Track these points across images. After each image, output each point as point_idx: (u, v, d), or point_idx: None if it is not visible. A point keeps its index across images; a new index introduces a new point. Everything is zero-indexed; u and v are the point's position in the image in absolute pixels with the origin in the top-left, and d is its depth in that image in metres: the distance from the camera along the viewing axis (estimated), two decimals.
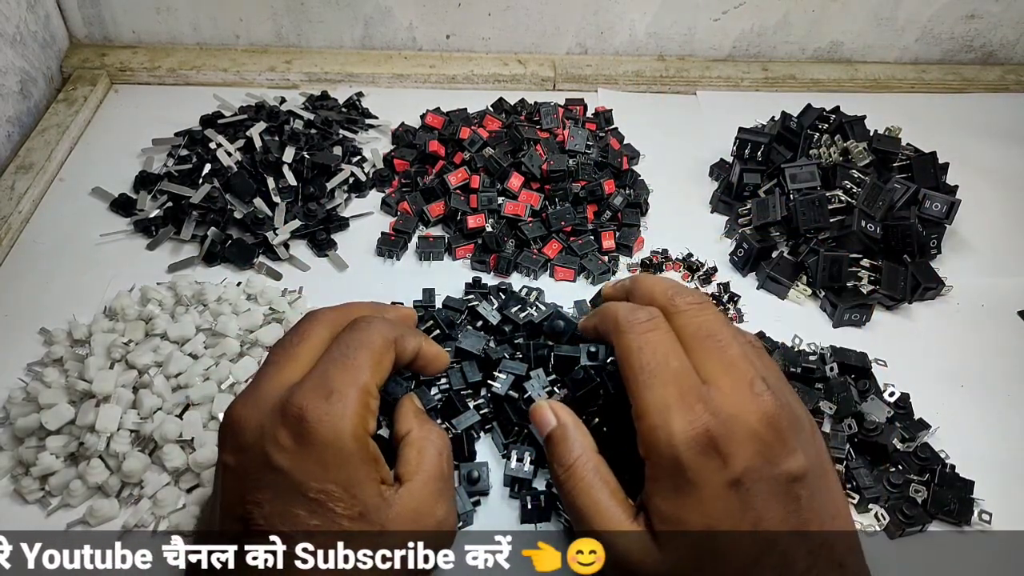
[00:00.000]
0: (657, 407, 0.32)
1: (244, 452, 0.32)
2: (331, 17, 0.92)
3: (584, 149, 0.74)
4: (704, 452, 0.30)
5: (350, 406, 0.32)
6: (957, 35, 0.99)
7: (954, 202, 0.70)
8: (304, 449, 0.31)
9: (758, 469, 0.30)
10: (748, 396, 0.32)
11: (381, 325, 0.37)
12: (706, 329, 0.34)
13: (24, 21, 0.81)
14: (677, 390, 0.32)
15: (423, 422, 0.38)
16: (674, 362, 0.33)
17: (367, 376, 0.34)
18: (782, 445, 0.31)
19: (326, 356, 0.35)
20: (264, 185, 0.71)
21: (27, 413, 0.52)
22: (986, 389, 0.62)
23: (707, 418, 0.31)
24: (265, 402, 0.33)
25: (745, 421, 0.31)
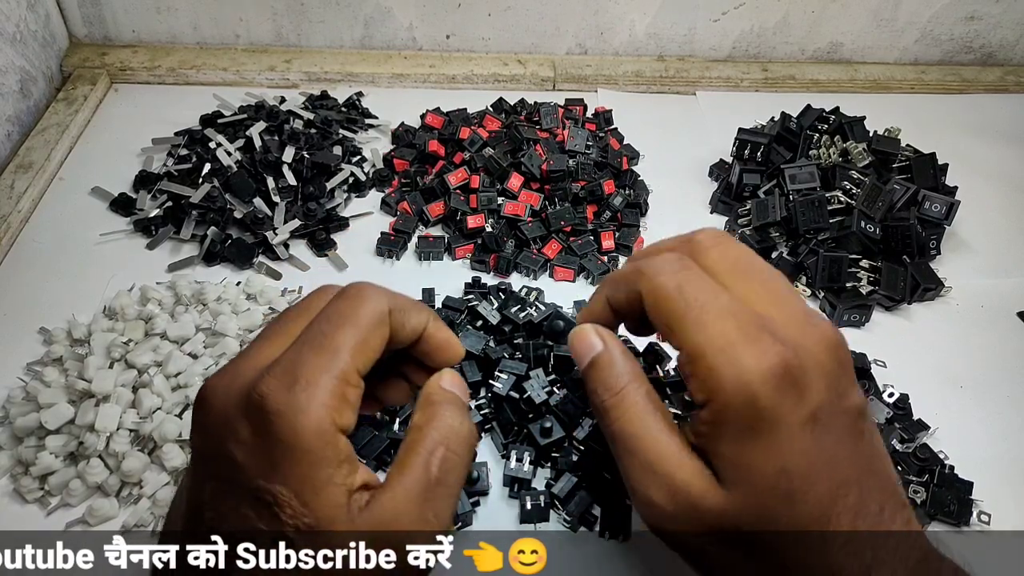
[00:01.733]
0: (718, 344, 0.28)
1: (207, 435, 0.29)
2: (331, 17, 0.92)
3: (584, 149, 0.75)
4: (781, 386, 0.27)
5: (317, 397, 0.28)
6: (957, 36, 0.99)
7: (953, 203, 0.71)
8: (261, 443, 0.27)
9: (831, 403, 0.28)
10: (808, 326, 0.29)
11: (372, 294, 0.31)
12: (744, 262, 0.31)
13: (24, 20, 0.81)
14: (736, 323, 0.28)
15: (431, 406, 0.32)
16: (723, 296, 0.29)
17: (345, 360, 0.29)
18: (847, 376, 0.29)
19: (303, 334, 0.30)
20: (264, 185, 0.71)
21: (27, 412, 0.52)
22: (985, 390, 0.62)
23: (779, 348, 0.27)
24: (236, 382, 0.29)
25: (812, 351, 0.28)
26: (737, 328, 0.28)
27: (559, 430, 0.53)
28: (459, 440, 0.30)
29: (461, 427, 0.31)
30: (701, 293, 0.29)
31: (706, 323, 0.28)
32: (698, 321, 0.29)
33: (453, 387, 0.33)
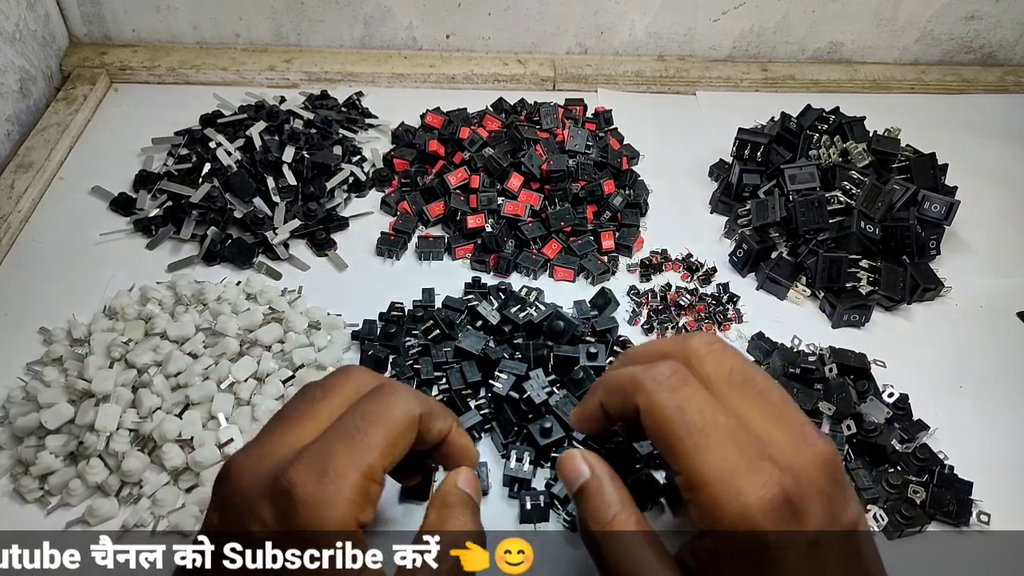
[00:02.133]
0: (720, 474, 0.27)
1: (226, 514, 0.29)
2: (331, 16, 0.92)
3: (584, 149, 0.75)
4: (783, 516, 0.27)
5: (344, 491, 0.28)
6: (957, 36, 0.99)
7: (953, 203, 0.71)
8: (282, 528, 0.28)
9: (828, 524, 0.28)
10: (804, 445, 0.29)
11: (407, 397, 0.32)
12: (739, 373, 0.31)
13: (24, 19, 0.81)
14: (737, 450, 0.28)
15: (446, 508, 0.33)
16: (721, 417, 0.29)
17: (374, 458, 0.30)
18: (841, 493, 0.29)
19: (336, 425, 0.31)
20: (264, 185, 0.71)
21: (27, 412, 0.52)
22: (985, 390, 0.62)
23: (778, 476, 0.27)
24: (262, 464, 0.30)
25: (809, 474, 0.28)
26: (738, 455, 0.28)
27: (559, 430, 0.53)
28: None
29: (471, 535, 0.32)
30: (701, 416, 0.29)
31: (708, 450, 0.28)
32: (699, 447, 0.28)
33: (467, 487, 0.34)
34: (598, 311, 0.64)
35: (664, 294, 0.67)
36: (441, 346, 0.59)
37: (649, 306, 0.67)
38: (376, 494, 0.30)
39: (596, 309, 0.64)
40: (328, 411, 0.32)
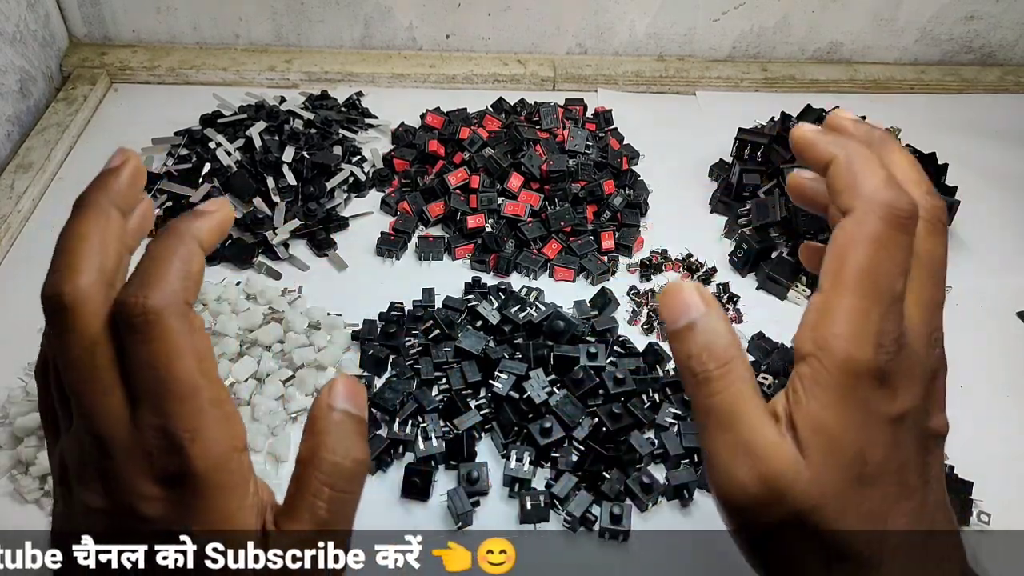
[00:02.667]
0: (857, 315, 0.29)
1: (112, 499, 0.28)
2: (331, 17, 0.92)
3: (584, 149, 0.75)
4: (880, 381, 0.29)
5: (210, 436, 0.27)
6: (957, 36, 0.99)
7: (953, 203, 0.71)
8: (172, 495, 0.27)
9: (916, 414, 0.30)
10: (928, 345, 0.31)
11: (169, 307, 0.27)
12: (935, 265, 0.32)
13: (24, 20, 0.81)
14: (884, 311, 0.29)
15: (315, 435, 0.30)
16: (901, 283, 0.30)
17: (205, 387, 0.27)
18: (936, 402, 0.31)
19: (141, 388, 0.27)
20: (264, 185, 0.71)
21: (26, 412, 0.52)
22: (985, 390, 0.62)
23: (895, 350, 0.29)
24: (113, 445, 0.28)
25: (920, 366, 0.30)
26: (881, 315, 0.29)
27: (559, 430, 0.53)
28: (344, 478, 0.29)
29: (344, 460, 0.29)
30: (888, 270, 0.30)
31: (865, 295, 0.29)
32: (859, 288, 0.29)
33: (344, 402, 0.30)
34: (598, 311, 0.64)
35: None
36: (441, 346, 0.59)
37: (649, 306, 0.67)
38: (231, 410, 0.28)
39: (596, 309, 0.64)
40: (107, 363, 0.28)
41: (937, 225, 0.32)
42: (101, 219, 0.28)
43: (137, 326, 0.27)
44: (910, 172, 0.32)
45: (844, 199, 0.30)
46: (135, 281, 0.27)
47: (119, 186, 0.29)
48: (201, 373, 0.27)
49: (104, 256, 0.28)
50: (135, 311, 0.26)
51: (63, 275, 0.26)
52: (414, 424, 0.54)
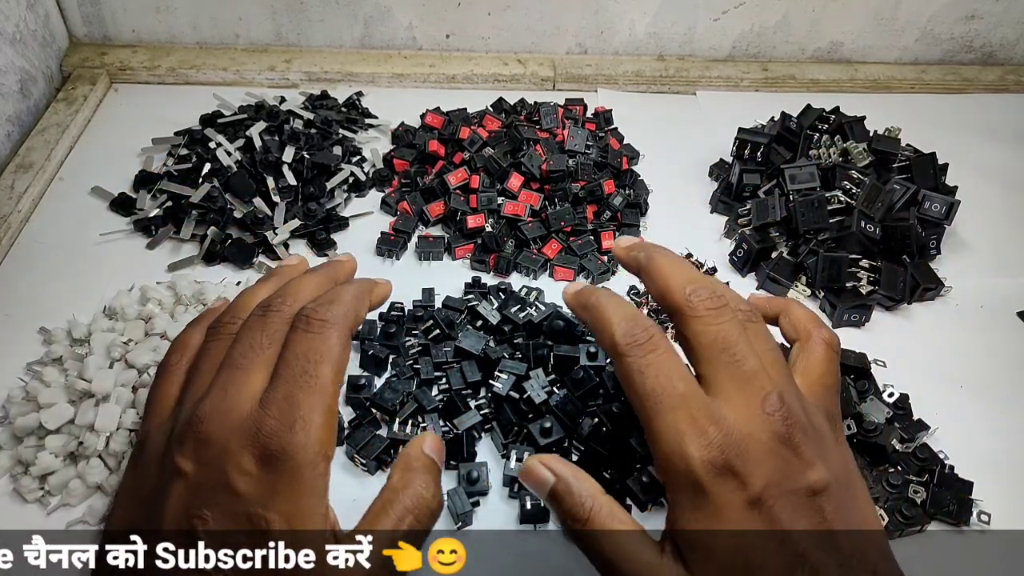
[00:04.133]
0: (669, 433, 0.31)
1: (204, 465, 0.31)
2: (331, 16, 0.92)
3: (584, 149, 0.75)
4: (721, 474, 0.30)
5: (313, 434, 0.31)
6: (957, 35, 0.99)
7: (953, 203, 0.71)
8: (264, 476, 0.31)
9: (777, 485, 0.30)
10: (760, 413, 0.31)
11: (339, 325, 0.35)
12: (721, 341, 0.33)
13: (24, 20, 0.81)
14: (687, 414, 0.31)
15: (409, 472, 0.35)
16: (680, 384, 0.32)
17: (331, 393, 0.33)
18: (799, 459, 0.31)
19: (285, 371, 0.33)
20: (264, 185, 0.71)
21: (26, 412, 0.52)
22: (985, 390, 0.62)
23: (720, 439, 0.30)
24: (234, 416, 0.32)
25: (759, 439, 0.31)
26: (687, 419, 0.31)
27: (559, 430, 0.53)
28: (427, 512, 0.34)
29: (432, 499, 0.34)
30: (659, 381, 0.32)
31: (660, 412, 0.32)
32: (655, 410, 0.32)
33: (432, 452, 0.36)
34: None
35: None
36: (441, 346, 0.59)
37: (649, 306, 0.67)
38: (335, 423, 0.33)
39: None
40: (273, 353, 0.34)
41: (705, 312, 0.34)
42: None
43: (314, 326, 0.34)
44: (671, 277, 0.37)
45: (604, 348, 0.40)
46: (324, 299, 0.36)
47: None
48: (334, 381, 0.33)
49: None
50: (315, 316, 0.34)
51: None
52: (414, 424, 0.54)
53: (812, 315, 0.41)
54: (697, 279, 0.36)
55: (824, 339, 0.39)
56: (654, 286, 0.37)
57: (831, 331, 0.40)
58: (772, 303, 0.43)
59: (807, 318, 0.40)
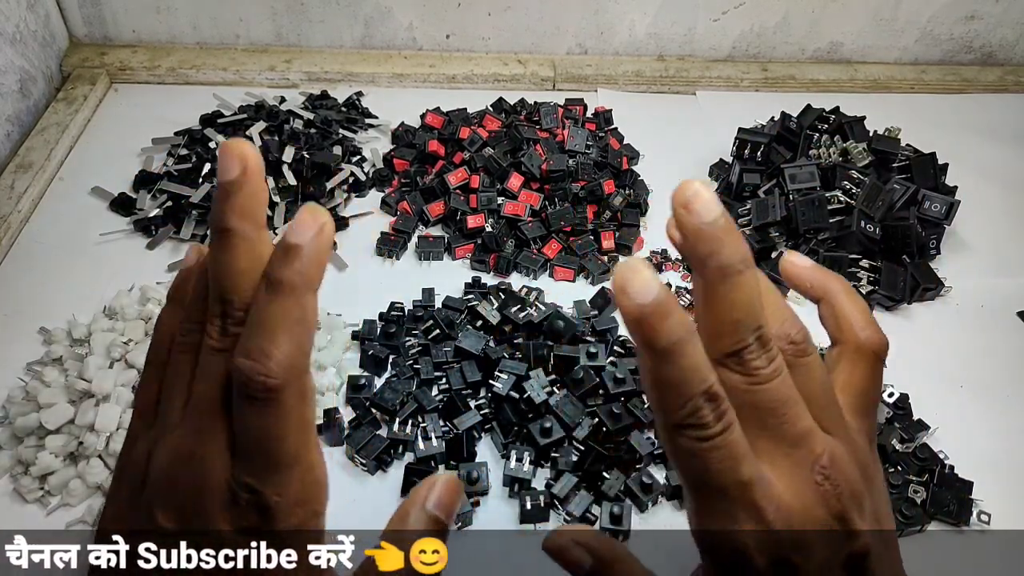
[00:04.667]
0: (721, 518, 0.28)
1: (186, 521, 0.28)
2: (331, 17, 0.92)
3: (584, 149, 0.74)
4: (776, 564, 0.28)
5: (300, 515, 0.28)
6: (957, 36, 0.99)
7: (953, 203, 0.71)
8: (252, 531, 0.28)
9: (827, 560, 0.28)
10: (811, 485, 0.29)
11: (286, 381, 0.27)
12: (768, 402, 0.29)
13: (24, 20, 0.81)
14: (745, 499, 0.28)
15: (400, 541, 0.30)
16: (745, 471, 0.29)
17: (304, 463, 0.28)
18: (846, 530, 0.29)
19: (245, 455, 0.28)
20: None
21: (27, 412, 0.52)
22: (985, 390, 0.62)
23: (778, 525, 0.28)
24: (209, 483, 0.28)
25: (813, 516, 0.28)
26: (744, 505, 0.28)
27: (559, 430, 0.53)
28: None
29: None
30: (721, 469, 0.28)
31: (715, 500, 0.28)
32: (708, 496, 0.28)
33: (436, 509, 0.30)
34: (598, 311, 0.64)
35: None
36: (441, 346, 0.59)
37: None
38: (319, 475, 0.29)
39: (596, 309, 0.64)
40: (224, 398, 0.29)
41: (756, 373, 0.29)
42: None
43: (256, 396, 0.26)
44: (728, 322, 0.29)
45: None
46: (256, 346, 0.26)
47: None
48: (303, 445, 0.27)
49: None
50: (256, 384, 0.26)
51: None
52: (414, 424, 0.54)
53: (861, 311, 0.35)
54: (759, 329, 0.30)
55: (872, 348, 0.34)
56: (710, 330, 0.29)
57: (880, 334, 0.34)
58: (816, 280, 0.35)
59: (854, 315, 0.35)
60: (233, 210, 0.27)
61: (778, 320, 0.31)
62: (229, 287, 0.28)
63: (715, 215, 0.27)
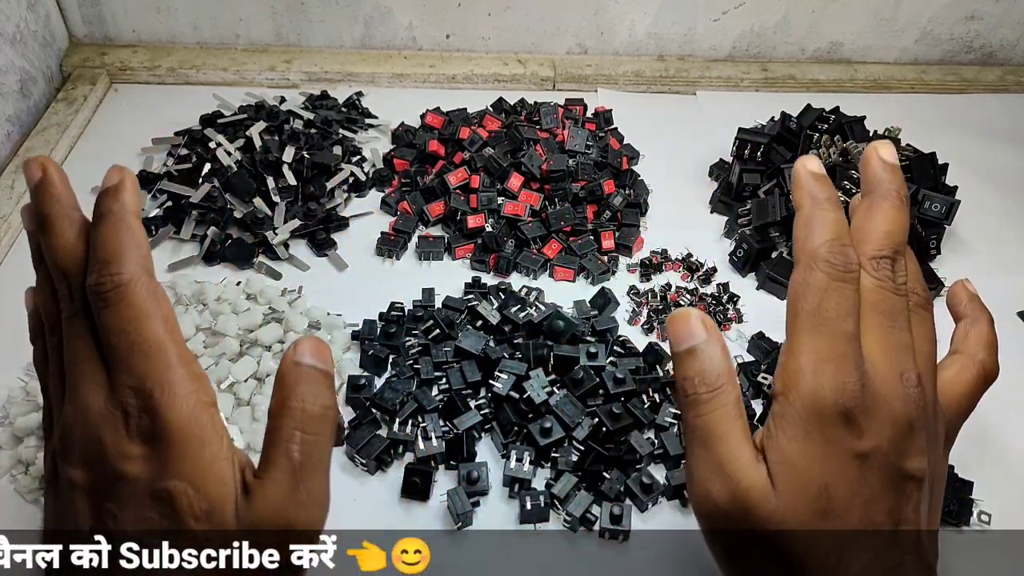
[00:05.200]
0: (816, 355, 0.31)
1: (92, 468, 0.30)
2: (331, 17, 0.92)
3: (584, 149, 0.75)
4: (844, 418, 0.30)
5: (180, 391, 0.30)
6: (957, 36, 0.99)
7: (953, 203, 0.71)
8: (152, 452, 0.29)
9: (885, 453, 0.31)
10: (898, 384, 0.32)
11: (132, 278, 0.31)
12: (886, 305, 0.33)
13: (24, 20, 0.81)
14: (841, 350, 0.31)
15: (283, 390, 0.32)
16: (850, 323, 0.32)
17: (170, 344, 0.30)
18: (912, 442, 0.31)
19: (114, 354, 0.31)
20: (264, 185, 0.71)
21: (27, 412, 0.52)
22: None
23: (858, 389, 0.30)
24: (94, 413, 0.30)
25: (889, 405, 0.31)
26: (840, 354, 0.31)
27: (559, 430, 0.53)
28: (313, 422, 0.31)
29: (313, 407, 0.31)
30: (837, 308, 0.32)
31: (820, 334, 0.31)
32: (816, 328, 0.32)
33: (310, 357, 0.32)
34: (598, 311, 0.64)
35: (664, 294, 0.67)
36: (441, 346, 0.59)
37: (649, 306, 0.67)
38: (199, 366, 0.31)
39: (596, 309, 0.64)
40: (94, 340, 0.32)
41: (886, 281, 0.34)
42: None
43: (110, 298, 0.30)
44: (881, 228, 0.35)
45: (796, 250, 0.35)
46: (99, 263, 0.31)
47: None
48: (167, 332, 0.31)
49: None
50: (107, 286, 0.31)
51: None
52: (414, 424, 0.54)
53: (993, 339, 0.41)
54: (897, 252, 0.35)
55: (986, 366, 0.39)
56: (865, 229, 0.36)
57: (997, 364, 0.39)
58: (970, 305, 0.43)
59: (984, 339, 0.40)
60: (48, 199, 0.35)
61: (913, 276, 0.36)
62: (63, 259, 0.34)
63: (895, 160, 0.35)
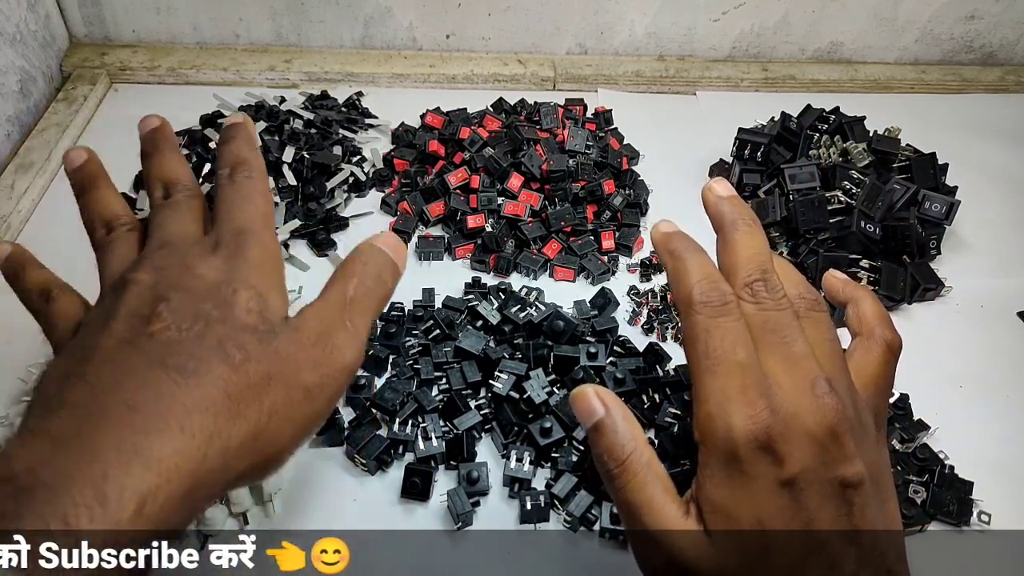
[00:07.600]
0: (718, 396, 0.31)
1: (164, 270, 0.33)
2: (331, 17, 0.92)
3: (584, 149, 0.75)
4: (761, 449, 0.30)
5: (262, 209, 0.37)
6: (957, 35, 0.99)
7: (953, 203, 0.71)
8: (227, 263, 0.33)
9: (813, 471, 0.30)
10: (808, 396, 0.31)
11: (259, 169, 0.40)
12: (772, 323, 0.33)
13: (24, 20, 0.81)
14: (740, 382, 0.31)
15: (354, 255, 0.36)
16: (741, 353, 0.32)
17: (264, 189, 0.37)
18: (839, 450, 0.31)
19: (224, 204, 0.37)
20: None
21: None
22: (985, 390, 0.62)
23: (766, 415, 0.30)
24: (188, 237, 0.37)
25: (803, 422, 0.31)
26: (740, 387, 0.31)
27: (559, 430, 0.53)
28: (371, 278, 0.34)
29: (373, 268, 0.35)
30: (723, 343, 0.32)
31: (716, 373, 0.31)
32: (710, 369, 0.32)
33: (381, 244, 0.36)
34: (598, 311, 0.64)
35: (664, 294, 0.67)
36: (441, 346, 0.59)
37: (649, 306, 0.67)
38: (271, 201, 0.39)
39: (596, 309, 0.64)
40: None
41: (762, 301, 0.34)
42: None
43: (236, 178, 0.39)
44: (740, 260, 0.36)
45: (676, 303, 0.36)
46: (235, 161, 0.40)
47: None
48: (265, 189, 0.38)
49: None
50: (242, 175, 0.39)
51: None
52: (414, 424, 0.54)
53: (881, 312, 0.40)
54: (766, 268, 0.35)
55: (886, 340, 0.39)
56: (724, 262, 0.37)
57: (896, 333, 0.39)
58: (845, 289, 0.42)
59: (874, 314, 0.39)
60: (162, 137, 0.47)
61: (793, 283, 0.37)
62: (177, 172, 0.45)
63: (729, 192, 0.40)
